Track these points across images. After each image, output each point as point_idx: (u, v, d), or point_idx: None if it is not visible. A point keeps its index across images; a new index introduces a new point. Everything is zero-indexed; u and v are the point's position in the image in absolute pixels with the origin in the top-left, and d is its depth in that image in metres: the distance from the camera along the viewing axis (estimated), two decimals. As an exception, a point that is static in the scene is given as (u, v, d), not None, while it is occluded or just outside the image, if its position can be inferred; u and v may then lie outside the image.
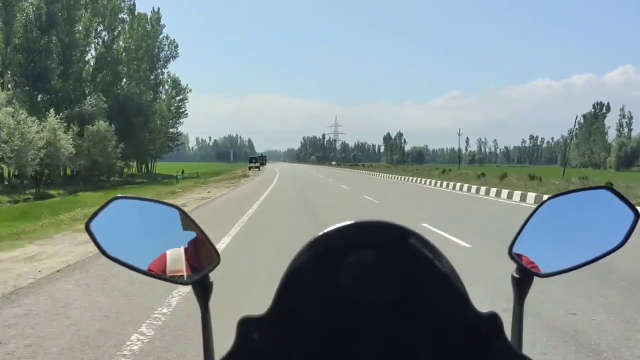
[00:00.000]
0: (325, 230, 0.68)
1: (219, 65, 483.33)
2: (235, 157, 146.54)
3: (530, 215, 0.82)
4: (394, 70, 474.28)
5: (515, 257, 0.79)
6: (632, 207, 0.80)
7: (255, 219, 13.23)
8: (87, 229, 0.80)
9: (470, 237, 9.67)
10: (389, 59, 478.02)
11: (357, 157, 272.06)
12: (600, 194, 0.82)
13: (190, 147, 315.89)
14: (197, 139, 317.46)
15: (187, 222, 0.85)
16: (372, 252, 0.67)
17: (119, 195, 0.85)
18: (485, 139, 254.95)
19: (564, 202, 0.83)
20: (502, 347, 0.68)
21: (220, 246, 8.51)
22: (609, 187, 0.82)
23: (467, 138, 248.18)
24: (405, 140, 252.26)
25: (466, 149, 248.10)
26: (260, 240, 9.85)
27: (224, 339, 0.75)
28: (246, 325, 0.67)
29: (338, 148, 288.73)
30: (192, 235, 0.84)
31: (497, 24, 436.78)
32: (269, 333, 0.67)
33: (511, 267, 0.79)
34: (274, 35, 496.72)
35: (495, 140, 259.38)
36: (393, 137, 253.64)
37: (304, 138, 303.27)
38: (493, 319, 0.67)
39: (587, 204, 0.84)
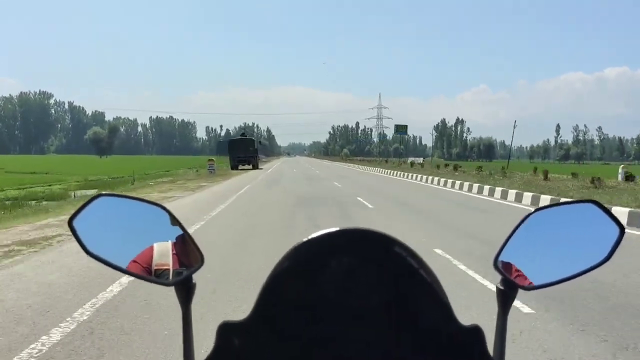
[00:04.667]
0: (310, 237, 0.66)
1: (244, 55, 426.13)
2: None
3: (516, 228, 0.80)
4: (422, 64, 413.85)
5: (500, 269, 0.78)
6: (618, 223, 0.79)
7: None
8: (70, 225, 0.78)
9: None
10: (417, 51, 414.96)
11: (398, 150, 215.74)
12: (586, 207, 0.81)
13: (198, 137, 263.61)
14: (207, 127, 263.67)
15: (172, 222, 0.83)
16: (356, 260, 0.66)
17: (104, 192, 0.83)
18: (585, 126, 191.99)
19: (550, 215, 0.81)
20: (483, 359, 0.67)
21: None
22: (595, 201, 0.81)
23: (558, 125, 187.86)
24: (469, 129, 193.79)
25: (556, 141, 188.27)
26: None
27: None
28: (226, 330, 0.66)
29: (375, 139, 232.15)
30: (174, 234, 0.83)
31: (524, 18, 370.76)
32: (249, 339, 0.66)
33: None
34: (301, 26, 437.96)
35: (599, 128, 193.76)
36: (449, 125, 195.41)
37: (333, 127, 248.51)
38: (475, 332, 0.66)
39: (573, 217, 0.82)
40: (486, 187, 19.83)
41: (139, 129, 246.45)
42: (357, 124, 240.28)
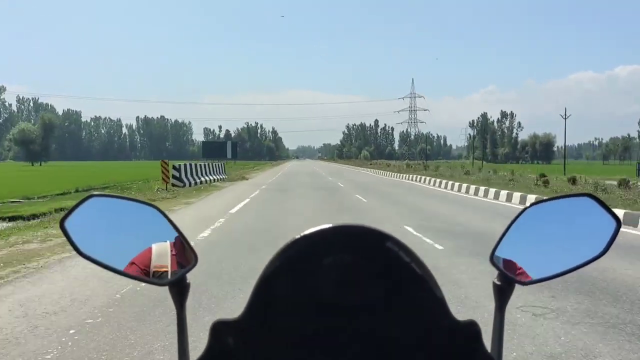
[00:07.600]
0: (303, 234, 0.66)
1: (250, 59, 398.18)
2: (234, 152, 46.97)
3: (512, 222, 0.79)
4: (431, 65, 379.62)
5: (496, 264, 0.78)
6: (614, 216, 0.78)
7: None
8: (62, 226, 0.77)
9: None
10: (424, 53, 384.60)
11: (425, 151, 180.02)
12: (582, 201, 0.80)
13: (196, 139, 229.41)
14: (205, 129, 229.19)
15: (165, 221, 0.82)
16: (349, 256, 0.65)
17: (95, 193, 0.83)
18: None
19: (546, 209, 0.81)
20: (480, 356, 0.66)
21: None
22: (591, 195, 0.80)
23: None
24: (520, 125, 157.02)
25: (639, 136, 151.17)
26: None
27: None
28: (220, 329, 0.66)
29: (397, 139, 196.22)
30: (169, 235, 0.82)
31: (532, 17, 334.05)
32: (242, 337, 0.66)
33: None
34: (305, 27, 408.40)
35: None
36: (490, 120, 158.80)
37: (347, 127, 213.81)
38: (471, 327, 0.66)
39: (569, 211, 0.81)
40: None
41: (124, 130, 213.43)
42: (377, 122, 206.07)
